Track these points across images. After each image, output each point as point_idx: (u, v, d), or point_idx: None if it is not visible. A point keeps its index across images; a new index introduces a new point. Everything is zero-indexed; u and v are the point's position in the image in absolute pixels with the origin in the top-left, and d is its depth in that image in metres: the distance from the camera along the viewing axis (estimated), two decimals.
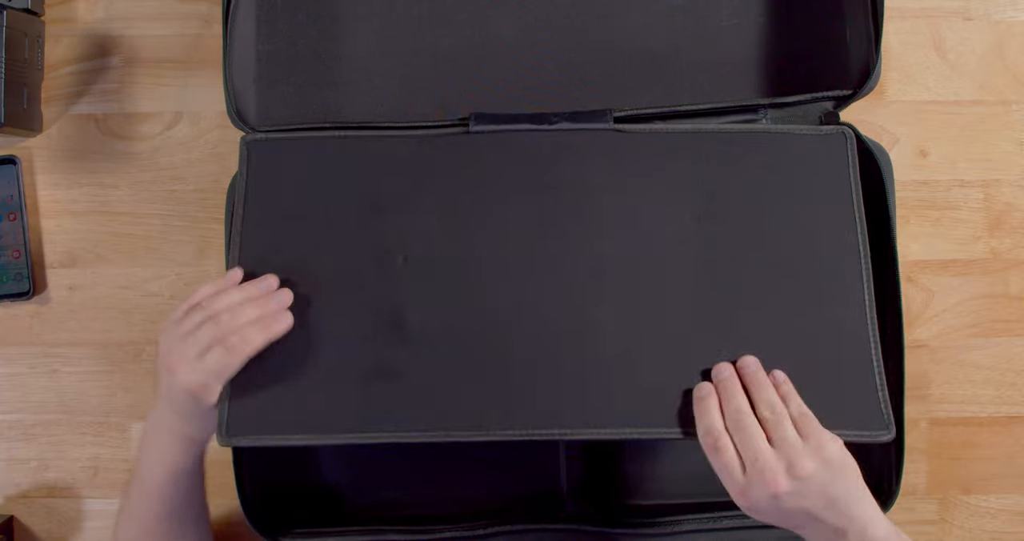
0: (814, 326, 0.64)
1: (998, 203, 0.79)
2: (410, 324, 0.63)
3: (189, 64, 0.77)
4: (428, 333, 0.63)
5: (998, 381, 0.79)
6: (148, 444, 0.63)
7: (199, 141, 0.78)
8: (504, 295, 0.64)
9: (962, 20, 0.79)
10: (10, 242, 0.77)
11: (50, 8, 0.77)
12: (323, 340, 0.62)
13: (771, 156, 0.68)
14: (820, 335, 0.64)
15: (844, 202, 0.66)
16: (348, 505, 0.73)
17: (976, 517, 0.79)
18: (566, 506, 0.72)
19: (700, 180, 0.66)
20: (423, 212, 0.65)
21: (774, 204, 0.66)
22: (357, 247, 0.65)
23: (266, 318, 0.60)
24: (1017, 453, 0.79)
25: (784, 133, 0.68)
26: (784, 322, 0.64)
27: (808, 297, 0.64)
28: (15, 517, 0.77)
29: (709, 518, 0.70)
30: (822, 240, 0.65)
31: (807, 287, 0.64)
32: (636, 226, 0.65)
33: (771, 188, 0.67)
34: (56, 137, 0.78)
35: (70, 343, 0.77)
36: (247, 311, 0.59)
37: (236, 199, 0.65)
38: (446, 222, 0.65)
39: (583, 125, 0.67)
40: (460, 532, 0.69)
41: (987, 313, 0.79)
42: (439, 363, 0.62)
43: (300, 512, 0.72)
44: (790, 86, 0.72)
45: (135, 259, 0.77)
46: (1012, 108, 0.79)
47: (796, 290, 0.64)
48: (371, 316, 0.63)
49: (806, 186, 0.67)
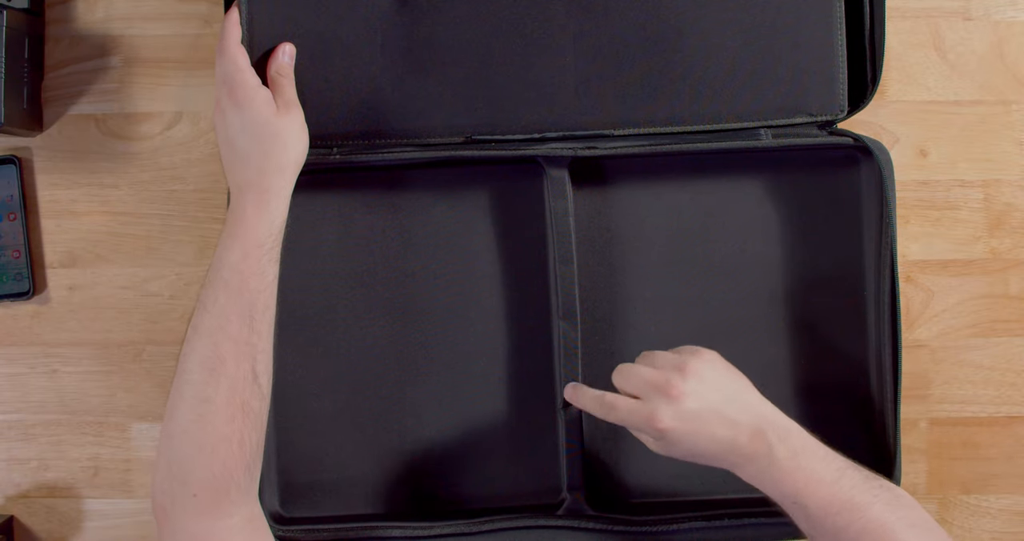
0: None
1: (998, 203, 0.79)
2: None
3: (189, 64, 0.77)
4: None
5: (998, 381, 0.79)
6: (224, 231, 0.63)
7: (199, 141, 0.78)
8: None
9: (962, 20, 0.79)
10: (10, 242, 0.77)
11: (50, 8, 0.77)
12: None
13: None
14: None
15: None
16: (349, 500, 0.73)
17: (976, 517, 0.79)
18: (565, 503, 0.72)
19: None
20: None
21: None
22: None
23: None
24: (1017, 453, 0.79)
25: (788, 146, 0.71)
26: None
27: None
28: (15, 517, 0.77)
29: (708, 516, 0.70)
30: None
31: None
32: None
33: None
34: (56, 137, 0.78)
35: (70, 343, 0.77)
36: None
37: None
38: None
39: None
40: (459, 528, 0.69)
41: (987, 313, 0.79)
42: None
43: (304, 504, 0.72)
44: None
45: (135, 259, 0.77)
46: (1012, 108, 0.79)
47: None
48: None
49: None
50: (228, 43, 0.66)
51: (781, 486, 0.58)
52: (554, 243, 0.71)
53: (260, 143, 0.64)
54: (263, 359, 0.62)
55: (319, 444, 0.73)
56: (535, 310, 0.73)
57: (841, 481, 0.57)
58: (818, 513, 0.57)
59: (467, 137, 0.71)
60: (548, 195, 0.72)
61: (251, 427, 0.60)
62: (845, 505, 0.56)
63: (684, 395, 0.59)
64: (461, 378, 0.73)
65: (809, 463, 0.58)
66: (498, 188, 0.73)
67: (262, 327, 0.62)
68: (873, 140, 0.70)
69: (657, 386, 0.59)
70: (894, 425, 0.71)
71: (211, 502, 0.58)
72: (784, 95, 0.71)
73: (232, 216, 0.63)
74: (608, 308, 0.73)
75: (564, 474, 0.72)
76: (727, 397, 0.60)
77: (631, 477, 0.74)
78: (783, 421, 0.60)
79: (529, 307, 0.73)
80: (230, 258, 0.62)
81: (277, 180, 0.64)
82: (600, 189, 0.73)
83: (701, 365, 0.60)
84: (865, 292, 0.73)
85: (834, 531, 0.56)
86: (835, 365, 0.73)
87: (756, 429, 0.58)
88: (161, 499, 0.59)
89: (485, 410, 0.73)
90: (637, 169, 0.73)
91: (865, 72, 0.72)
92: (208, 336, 0.60)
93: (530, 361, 0.73)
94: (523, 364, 0.73)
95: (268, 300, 0.62)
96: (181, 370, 0.61)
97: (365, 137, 0.70)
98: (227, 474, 0.59)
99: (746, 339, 0.73)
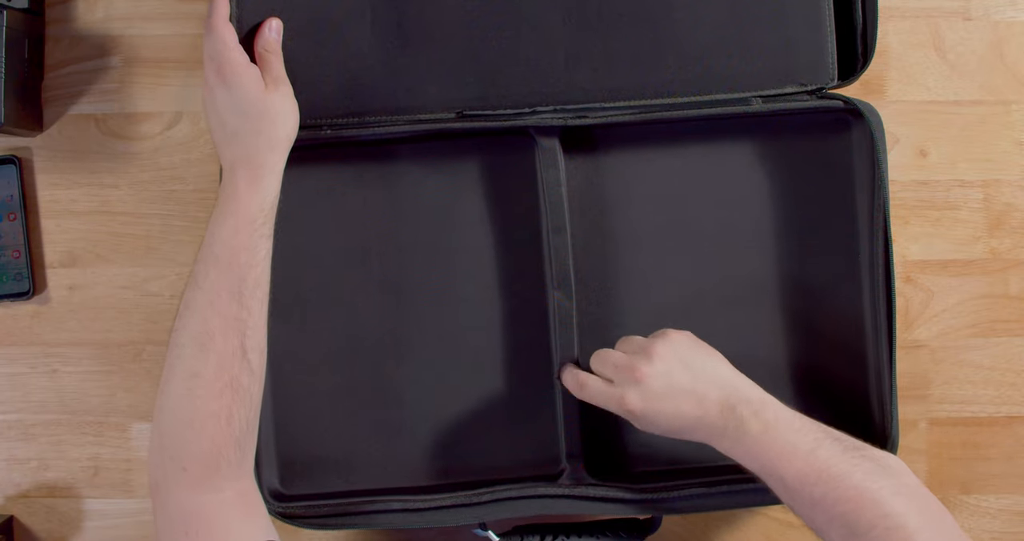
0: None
1: (998, 203, 0.79)
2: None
3: (189, 64, 0.77)
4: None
5: (998, 381, 0.79)
6: (217, 207, 0.63)
7: (199, 141, 0.78)
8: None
9: (962, 20, 0.79)
10: (10, 242, 0.77)
11: (50, 8, 0.77)
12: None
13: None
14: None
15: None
16: (349, 475, 0.73)
17: (976, 517, 0.79)
18: (566, 472, 0.72)
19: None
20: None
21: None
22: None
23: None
24: (1017, 453, 0.79)
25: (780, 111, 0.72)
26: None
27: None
28: (15, 517, 0.77)
29: (707, 482, 0.70)
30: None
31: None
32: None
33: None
34: (56, 137, 0.78)
35: (70, 343, 0.77)
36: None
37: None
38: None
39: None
40: (460, 499, 0.70)
41: (987, 313, 0.79)
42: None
43: (303, 481, 0.73)
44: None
45: (135, 259, 0.77)
46: (1012, 108, 0.79)
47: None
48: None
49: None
50: (216, 20, 0.65)
51: (757, 459, 0.59)
52: (547, 213, 0.72)
53: (250, 121, 0.64)
54: (253, 335, 0.61)
55: (317, 420, 0.73)
56: (529, 281, 0.73)
57: (818, 451, 0.57)
58: (794, 484, 0.57)
59: (458, 113, 0.71)
60: (540, 165, 0.72)
61: (241, 403, 0.60)
62: (821, 476, 0.56)
63: (648, 377, 0.61)
64: (457, 350, 0.73)
65: (783, 435, 0.58)
66: (489, 160, 0.73)
67: (252, 303, 0.62)
68: (864, 102, 0.71)
69: (624, 370, 0.62)
70: (890, 388, 0.70)
71: (201, 476, 0.58)
72: (774, 64, 0.71)
73: (224, 192, 0.64)
74: (602, 276, 0.73)
75: (563, 443, 0.73)
76: (695, 375, 0.61)
77: (630, 445, 0.74)
78: (756, 394, 0.61)
79: (523, 278, 0.73)
80: (222, 234, 0.62)
81: (269, 157, 0.64)
82: (591, 158, 0.73)
83: (667, 347, 0.62)
84: (859, 255, 0.73)
85: (811, 502, 0.57)
86: (829, 328, 0.73)
87: (725, 404, 0.60)
88: (154, 473, 0.60)
89: (482, 381, 0.73)
90: (628, 137, 0.73)
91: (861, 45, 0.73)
92: (198, 311, 0.61)
93: (526, 332, 0.73)
94: (519, 335, 0.73)
95: (260, 276, 0.62)
96: (172, 345, 0.61)
97: (355, 114, 0.70)
98: (216, 449, 0.59)
99: (740, 304, 0.73)
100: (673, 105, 0.71)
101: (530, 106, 0.71)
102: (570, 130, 0.71)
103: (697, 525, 0.78)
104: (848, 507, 0.55)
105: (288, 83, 0.67)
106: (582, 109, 0.71)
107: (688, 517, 0.78)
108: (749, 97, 0.71)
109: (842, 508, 0.55)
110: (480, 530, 0.70)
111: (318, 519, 0.69)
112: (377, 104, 0.70)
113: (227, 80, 0.64)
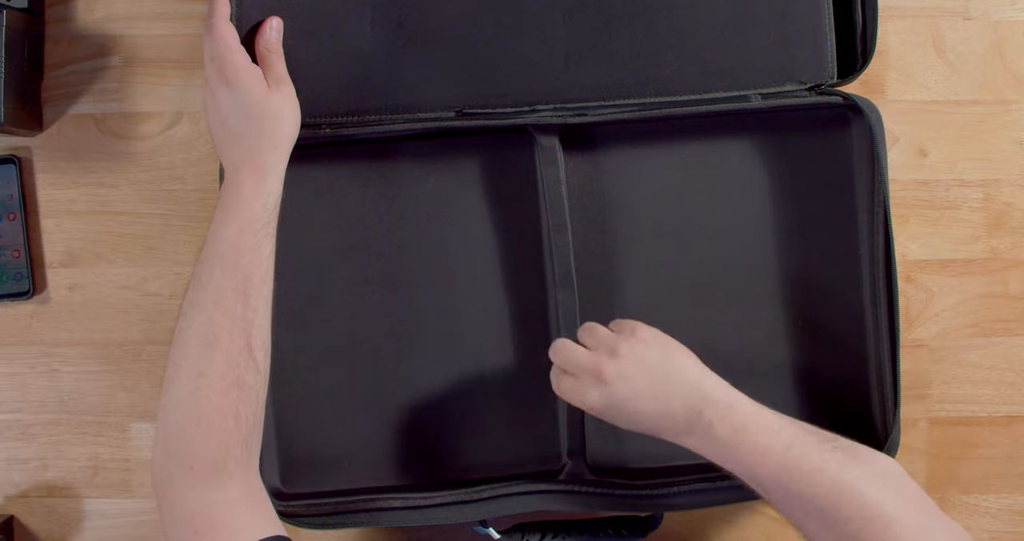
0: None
1: (998, 203, 0.79)
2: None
3: (189, 64, 0.77)
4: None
5: (998, 381, 0.79)
6: (220, 207, 0.63)
7: (199, 141, 0.78)
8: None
9: (962, 20, 0.79)
10: (10, 242, 0.77)
11: (50, 8, 0.77)
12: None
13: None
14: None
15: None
16: (350, 473, 0.73)
17: (975, 517, 0.79)
18: (566, 468, 0.72)
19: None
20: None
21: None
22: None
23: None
24: (1017, 453, 0.79)
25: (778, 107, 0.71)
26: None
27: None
28: (15, 517, 0.77)
29: (707, 478, 0.70)
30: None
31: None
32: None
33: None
34: (56, 137, 0.78)
35: (69, 343, 0.77)
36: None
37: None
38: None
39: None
40: (461, 496, 0.70)
41: (987, 313, 0.79)
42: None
43: (304, 479, 0.72)
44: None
45: (135, 259, 0.77)
46: (1012, 108, 0.79)
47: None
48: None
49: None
50: (216, 20, 0.65)
51: (730, 461, 0.59)
52: (547, 211, 0.72)
53: (253, 122, 0.64)
54: (259, 334, 0.62)
55: (318, 419, 0.73)
56: (530, 279, 0.73)
57: (792, 449, 0.57)
58: (769, 484, 0.57)
59: (458, 111, 0.71)
60: (539, 164, 0.72)
61: (247, 401, 0.60)
62: (794, 474, 0.56)
63: (613, 379, 0.60)
64: (458, 348, 0.73)
65: (753, 437, 0.58)
66: (489, 158, 0.73)
67: (258, 302, 0.62)
68: (863, 98, 0.71)
69: (586, 367, 0.61)
70: (892, 388, 0.71)
71: (208, 475, 0.58)
72: (773, 62, 0.71)
73: (227, 193, 0.63)
74: (604, 274, 0.73)
75: (564, 440, 0.73)
76: (661, 377, 0.60)
77: (630, 442, 0.73)
78: (724, 396, 0.60)
79: (524, 276, 0.73)
80: (225, 233, 0.62)
81: (272, 157, 0.64)
82: (591, 156, 0.73)
83: (633, 347, 0.61)
84: (860, 251, 0.73)
85: (786, 498, 0.56)
86: (830, 325, 0.73)
87: (691, 408, 0.59)
88: (159, 473, 0.59)
89: (483, 379, 0.73)
90: (628, 135, 0.73)
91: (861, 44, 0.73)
92: (203, 311, 0.60)
93: (527, 329, 0.73)
94: (520, 333, 0.73)
95: (264, 275, 0.62)
96: (177, 344, 0.61)
97: (355, 113, 0.70)
98: (223, 448, 0.59)
99: (741, 302, 0.73)
100: (673, 103, 0.71)
101: (530, 104, 0.71)
102: (570, 128, 0.71)
103: (697, 524, 0.78)
104: (825, 502, 0.55)
105: (290, 83, 0.67)
106: (582, 107, 0.71)
107: (688, 516, 0.78)
108: (748, 95, 0.71)
109: (819, 504, 0.55)
110: (481, 527, 0.70)
111: (319, 518, 0.69)
112: (377, 102, 0.70)
113: (230, 82, 0.64)
